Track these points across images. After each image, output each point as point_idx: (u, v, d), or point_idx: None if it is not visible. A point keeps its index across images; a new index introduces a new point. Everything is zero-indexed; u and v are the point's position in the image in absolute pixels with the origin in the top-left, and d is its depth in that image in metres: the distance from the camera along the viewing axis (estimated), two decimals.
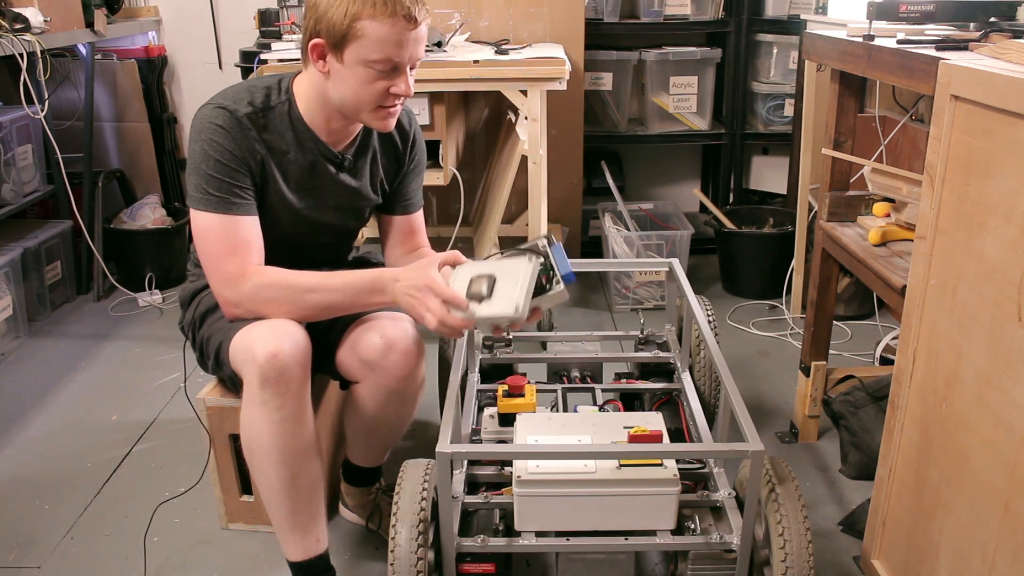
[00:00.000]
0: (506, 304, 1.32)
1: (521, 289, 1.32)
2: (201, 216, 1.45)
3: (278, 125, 1.50)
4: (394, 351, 1.50)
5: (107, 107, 3.36)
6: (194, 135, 1.47)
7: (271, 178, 1.51)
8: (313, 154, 1.54)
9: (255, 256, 1.48)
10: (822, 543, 1.74)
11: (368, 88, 1.43)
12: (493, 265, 1.39)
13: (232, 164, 1.45)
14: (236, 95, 1.49)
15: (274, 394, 1.39)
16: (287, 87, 1.53)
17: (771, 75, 3.27)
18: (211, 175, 1.44)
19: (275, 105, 1.50)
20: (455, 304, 1.35)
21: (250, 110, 1.47)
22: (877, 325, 2.78)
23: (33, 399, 2.39)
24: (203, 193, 1.44)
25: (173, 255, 3.20)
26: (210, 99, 1.50)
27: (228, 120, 1.45)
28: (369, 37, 1.38)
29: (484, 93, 2.88)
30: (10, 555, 1.76)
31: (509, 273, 1.35)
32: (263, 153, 1.49)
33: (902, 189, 1.72)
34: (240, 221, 1.46)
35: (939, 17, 1.67)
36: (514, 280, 1.34)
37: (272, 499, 1.48)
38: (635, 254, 2.92)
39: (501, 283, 1.35)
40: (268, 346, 1.38)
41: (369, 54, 1.39)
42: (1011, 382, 1.12)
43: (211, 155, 1.44)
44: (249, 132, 1.47)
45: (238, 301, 1.45)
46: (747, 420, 1.30)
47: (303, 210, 1.57)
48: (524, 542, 1.34)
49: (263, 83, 1.53)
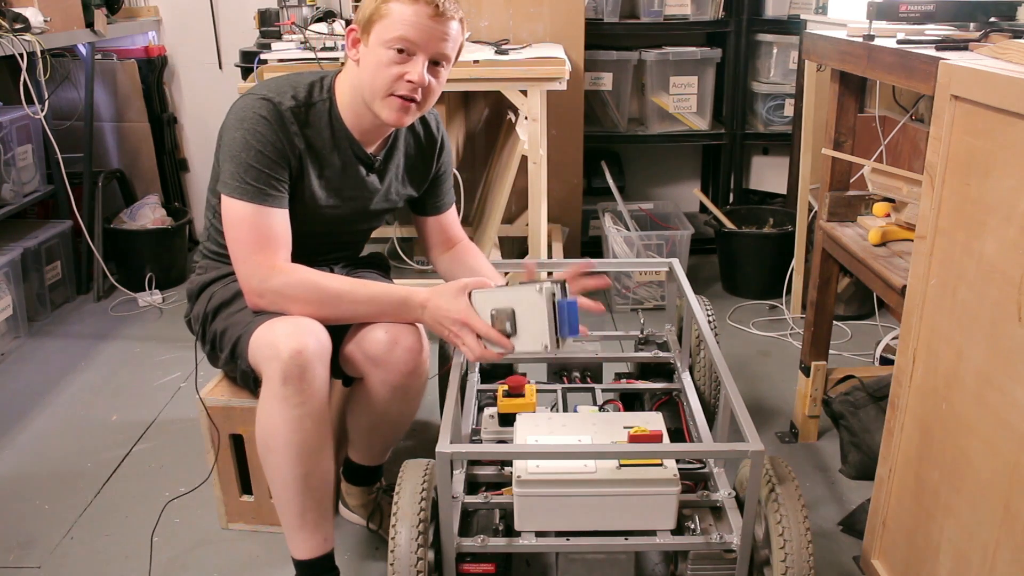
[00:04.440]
0: (534, 341, 1.37)
1: (543, 326, 1.36)
2: (235, 204, 1.46)
3: (318, 122, 1.53)
4: (399, 347, 1.50)
5: (107, 107, 3.37)
6: (235, 123, 1.48)
7: (305, 174, 1.53)
8: (347, 154, 1.57)
9: (285, 250, 1.50)
10: (822, 543, 1.74)
11: (384, 71, 1.45)
12: (508, 295, 1.40)
13: (273, 156, 1.46)
14: (280, 88, 1.51)
15: (296, 391, 1.39)
16: (329, 85, 1.55)
17: (771, 75, 3.27)
18: (251, 165, 1.45)
19: (316, 102, 1.53)
20: (494, 340, 1.40)
21: (293, 104, 1.49)
22: (877, 325, 2.78)
23: (33, 399, 2.39)
24: (240, 182, 1.45)
25: (173, 255, 3.20)
26: (252, 89, 1.52)
27: (272, 112, 1.47)
28: (391, 17, 1.43)
29: (484, 93, 2.89)
30: (10, 555, 1.76)
31: (526, 306, 1.38)
32: (302, 148, 1.51)
33: (902, 189, 1.72)
34: (273, 213, 1.48)
35: (939, 17, 1.67)
36: (531, 314, 1.37)
37: (283, 496, 1.48)
38: (635, 254, 2.92)
39: (521, 317, 1.38)
40: (293, 343, 1.38)
41: (387, 33, 1.43)
42: (1011, 382, 1.12)
43: (253, 145, 1.45)
44: (291, 126, 1.49)
45: (263, 292, 1.47)
46: (747, 420, 1.30)
47: (329, 208, 1.59)
48: (524, 542, 1.34)
49: (305, 79, 1.55)
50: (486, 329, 1.40)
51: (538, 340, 1.37)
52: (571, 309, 1.36)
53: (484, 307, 1.42)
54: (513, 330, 1.39)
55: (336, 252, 1.73)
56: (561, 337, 1.37)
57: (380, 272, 1.82)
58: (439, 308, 1.44)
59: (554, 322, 1.36)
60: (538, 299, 1.35)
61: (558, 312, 1.36)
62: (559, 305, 1.36)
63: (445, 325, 1.43)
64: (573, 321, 1.37)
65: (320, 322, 1.46)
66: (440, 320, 1.44)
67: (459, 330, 1.42)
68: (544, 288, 1.35)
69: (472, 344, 1.41)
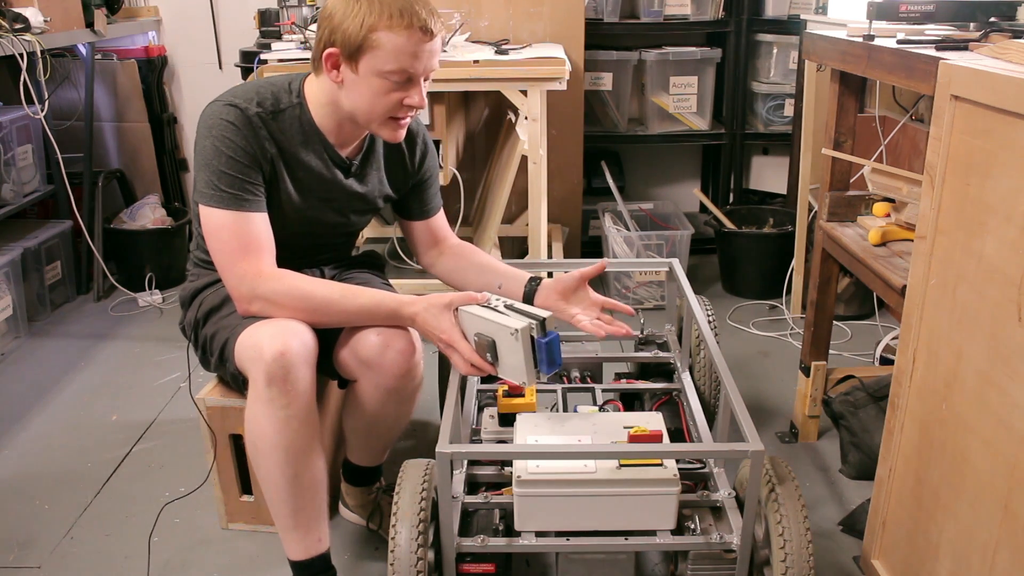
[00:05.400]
0: (514, 373, 1.40)
1: (521, 363, 1.38)
2: (214, 213, 1.46)
3: (289, 127, 1.52)
4: (391, 350, 1.50)
5: (107, 107, 3.36)
6: (204, 131, 1.47)
7: (280, 178, 1.52)
8: (322, 158, 1.56)
9: (269, 254, 1.49)
10: (822, 543, 1.74)
11: (382, 99, 1.45)
12: (490, 324, 1.41)
13: (244, 161, 1.46)
14: (245, 94, 1.50)
15: (280, 392, 1.39)
16: (298, 90, 1.54)
17: (771, 75, 3.27)
18: (223, 172, 1.44)
19: (286, 108, 1.52)
20: (479, 367, 1.42)
21: (260, 109, 1.48)
22: (877, 325, 2.78)
23: (33, 399, 2.39)
24: (215, 190, 1.45)
25: (173, 255, 3.20)
26: (219, 96, 1.51)
27: (239, 117, 1.46)
28: (385, 48, 1.40)
29: (484, 93, 2.88)
30: (10, 555, 1.76)
31: (504, 342, 1.39)
32: (273, 153, 1.50)
33: (902, 189, 1.72)
34: (253, 218, 1.47)
35: (939, 17, 1.67)
36: (510, 349, 1.38)
37: (275, 497, 1.48)
38: (635, 254, 2.92)
39: (501, 349, 1.40)
40: (276, 344, 1.38)
41: (384, 65, 1.41)
42: (1011, 382, 1.12)
43: (223, 152, 1.44)
44: (260, 131, 1.48)
45: (253, 299, 1.46)
46: (747, 420, 1.30)
47: (308, 211, 1.59)
48: (524, 542, 1.34)
49: (271, 85, 1.54)
50: (469, 353, 1.42)
51: (518, 374, 1.40)
52: (550, 347, 1.38)
53: (470, 327, 1.44)
54: (495, 359, 1.42)
55: (322, 254, 1.72)
56: (540, 371, 1.39)
57: (374, 271, 1.81)
58: (427, 323, 1.46)
59: (532, 359, 1.38)
60: (513, 342, 1.37)
61: (536, 350, 1.37)
62: (537, 344, 1.37)
63: (435, 337, 1.46)
64: (554, 356, 1.38)
65: (311, 326, 1.46)
66: (427, 334, 1.47)
67: (445, 348, 1.45)
68: (519, 333, 1.36)
69: (458, 362, 1.44)
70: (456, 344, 1.43)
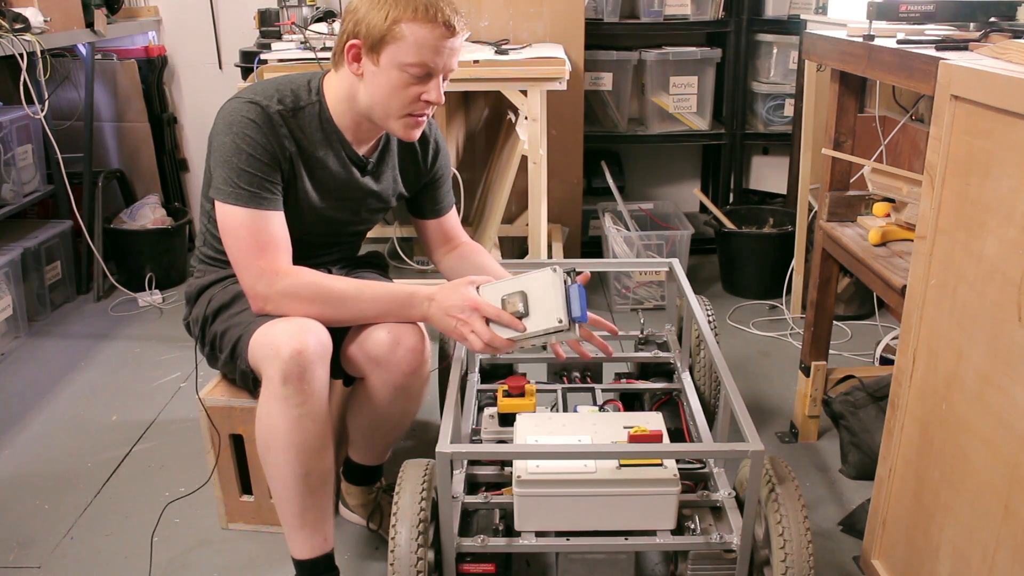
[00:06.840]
0: (547, 319, 1.36)
1: (557, 303, 1.35)
2: (231, 210, 1.46)
3: (308, 125, 1.52)
4: (401, 347, 1.50)
5: (107, 107, 3.37)
6: (223, 127, 1.47)
7: (298, 176, 1.53)
8: (339, 155, 1.57)
9: (285, 253, 1.49)
10: (822, 543, 1.74)
11: (400, 93, 1.45)
12: (516, 283, 1.41)
13: (264, 159, 1.46)
14: (266, 91, 1.50)
15: (295, 390, 1.39)
16: (317, 88, 1.54)
17: (771, 75, 3.27)
18: (243, 169, 1.45)
19: (305, 105, 1.52)
20: (505, 322, 1.39)
21: (280, 107, 1.49)
22: (877, 325, 2.78)
23: (33, 399, 2.39)
24: (233, 187, 1.45)
25: (173, 255, 3.20)
26: (238, 93, 1.52)
27: (261, 115, 1.46)
28: (407, 40, 1.40)
29: (484, 93, 2.89)
30: (10, 555, 1.76)
31: (537, 287, 1.37)
32: (292, 151, 1.50)
33: (902, 189, 1.72)
34: (270, 216, 1.48)
35: (939, 17, 1.67)
36: (545, 293, 1.36)
37: (283, 495, 1.48)
38: (635, 254, 2.92)
39: (533, 297, 1.38)
40: (293, 343, 1.38)
41: (405, 57, 1.42)
42: (1011, 382, 1.12)
43: (243, 149, 1.45)
44: (280, 129, 1.48)
45: (269, 296, 1.46)
46: (747, 420, 1.30)
47: (324, 210, 1.59)
48: (524, 542, 1.34)
49: (290, 82, 1.54)
50: (496, 312, 1.39)
51: (552, 317, 1.36)
52: (581, 293, 1.37)
53: (493, 298, 1.42)
54: (525, 311, 1.38)
55: (332, 253, 1.73)
56: (573, 318, 1.37)
57: (378, 272, 1.82)
58: (447, 298, 1.43)
59: (566, 301, 1.36)
60: (553, 278, 1.36)
61: (569, 297, 1.37)
62: (569, 288, 1.37)
63: (453, 314, 1.42)
64: (583, 305, 1.37)
65: (323, 323, 1.46)
66: (447, 310, 1.43)
67: (468, 316, 1.40)
68: (559, 269, 1.37)
69: (481, 329, 1.39)
70: (480, 305, 1.39)
